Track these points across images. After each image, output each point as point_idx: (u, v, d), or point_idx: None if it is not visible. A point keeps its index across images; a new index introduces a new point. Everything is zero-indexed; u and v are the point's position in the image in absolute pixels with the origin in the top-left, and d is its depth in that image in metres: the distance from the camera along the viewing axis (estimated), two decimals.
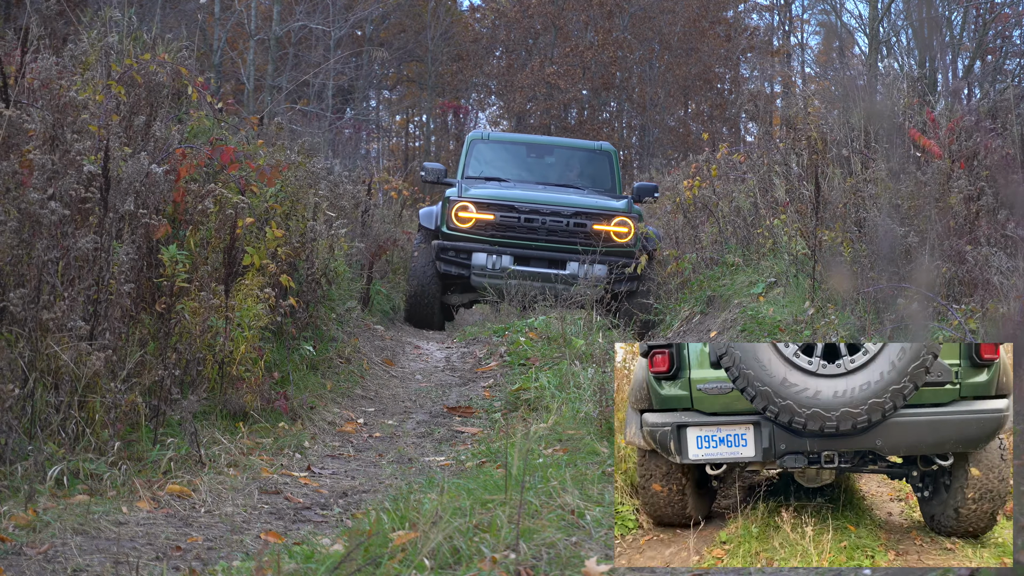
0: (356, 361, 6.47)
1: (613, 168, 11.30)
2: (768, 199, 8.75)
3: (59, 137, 4.11)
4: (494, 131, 12.88)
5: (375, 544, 2.90)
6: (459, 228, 9.85)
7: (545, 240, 9.76)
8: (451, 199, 10.01)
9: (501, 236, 9.79)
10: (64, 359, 3.75)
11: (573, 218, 9.74)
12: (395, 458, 4.73)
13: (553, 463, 3.91)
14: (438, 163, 11.34)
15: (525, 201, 9.85)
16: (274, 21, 23.50)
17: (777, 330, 6.63)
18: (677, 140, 28.48)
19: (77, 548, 3.08)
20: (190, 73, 5.77)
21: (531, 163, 11.39)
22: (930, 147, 6.13)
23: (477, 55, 29.75)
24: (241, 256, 4.70)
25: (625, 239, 9.74)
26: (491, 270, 9.70)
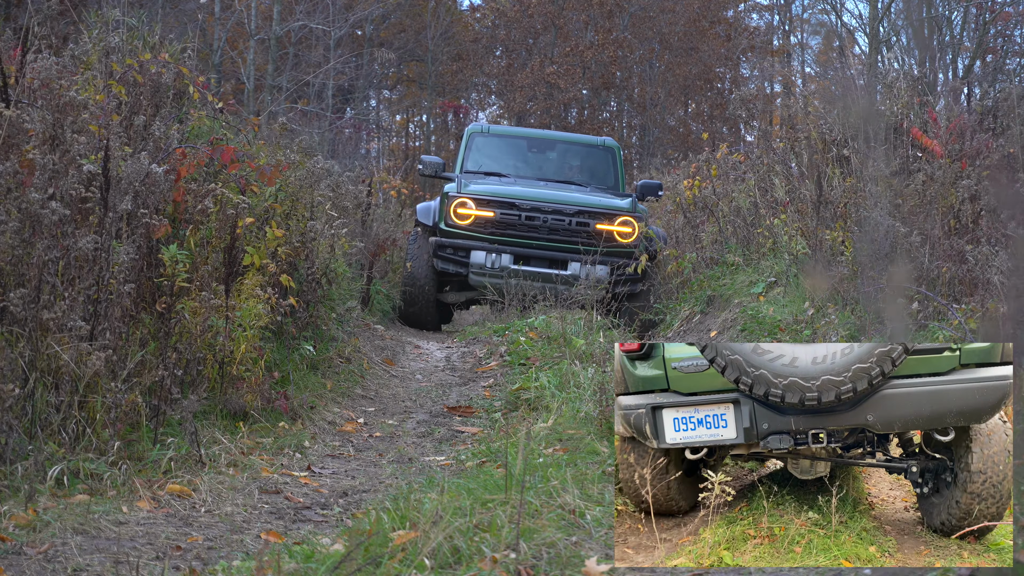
0: (356, 361, 6.47)
1: (616, 164, 11.02)
2: (768, 199, 8.75)
3: (59, 137, 4.11)
4: (494, 124, 12.38)
5: (375, 544, 2.90)
6: (458, 225, 9.58)
7: (546, 239, 9.51)
8: (450, 195, 9.73)
9: (501, 234, 9.53)
10: (64, 359, 3.75)
11: (576, 217, 9.49)
12: (395, 458, 4.73)
13: (553, 463, 3.91)
14: (436, 156, 11.06)
15: (527, 198, 9.60)
16: (274, 21, 23.50)
17: (777, 329, 6.63)
18: (677, 140, 28.48)
19: (77, 548, 3.08)
20: (191, 73, 5.77)
21: (531, 158, 11.05)
22: (931, 146, 6.13)
23: (477, 54, 29.75)
24: (241, 256, 4.70)
25: (628, 239, 9.52)
26: (490, 269, 9.45)
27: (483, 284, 9.53)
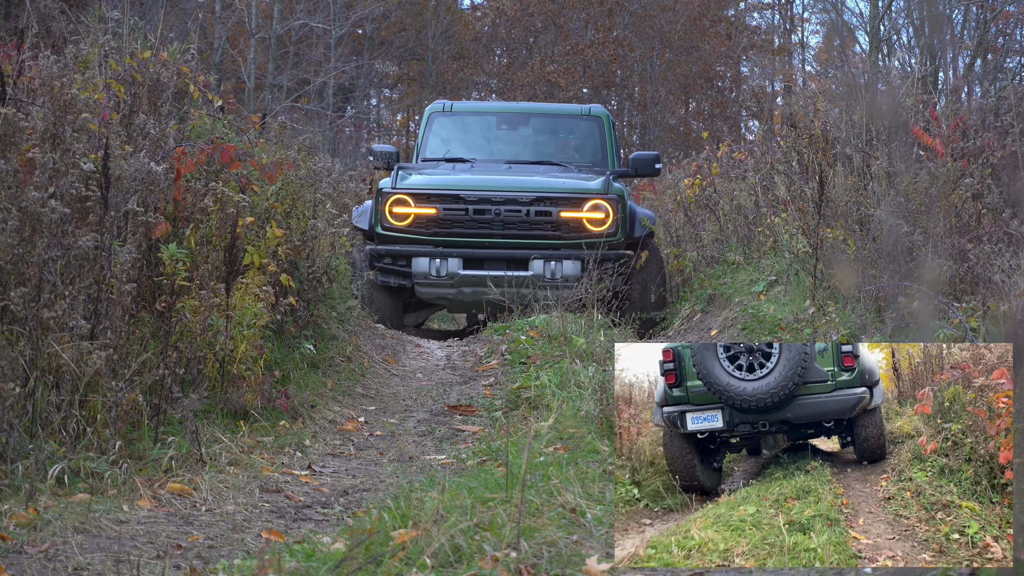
0: (357, 359, 6.46)
1: (604, 137, 9.32)
2: (769, 197, 8.73)
3: (59, 135, 4.11)
4: (459, 101, 10.51)
5: (376, 542, 2.90)
6: (396, 227, 8.10)
7: (501, 235, 8.06)
8: (384, 191, 8.17)
9: (447, 234, 8.09)
10: (65, 358, 3.75)
11: (533, 206, 8.03)
12: (396, 456, 4.73)
13: (554, 461, 3.91)
14: (389, 145, 9.49)
15: (473, 188, 8.09)
16: (275, 19, 23.51)
17: (778, 328, 6.63)
18: (678, 138, 28.49)
19: (78, 546, 3.08)
20: (192, 72, 5.77)
21: (503, 137, 9.40)
22: (933, 145, 6.13)
23: (478, 53, 29.76)
24: (242, 255, 4.70)
25: (602, 227, 8.07)
26: (436, 277, 8.00)
27: (433, 296, 8.23)
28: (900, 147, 6.33)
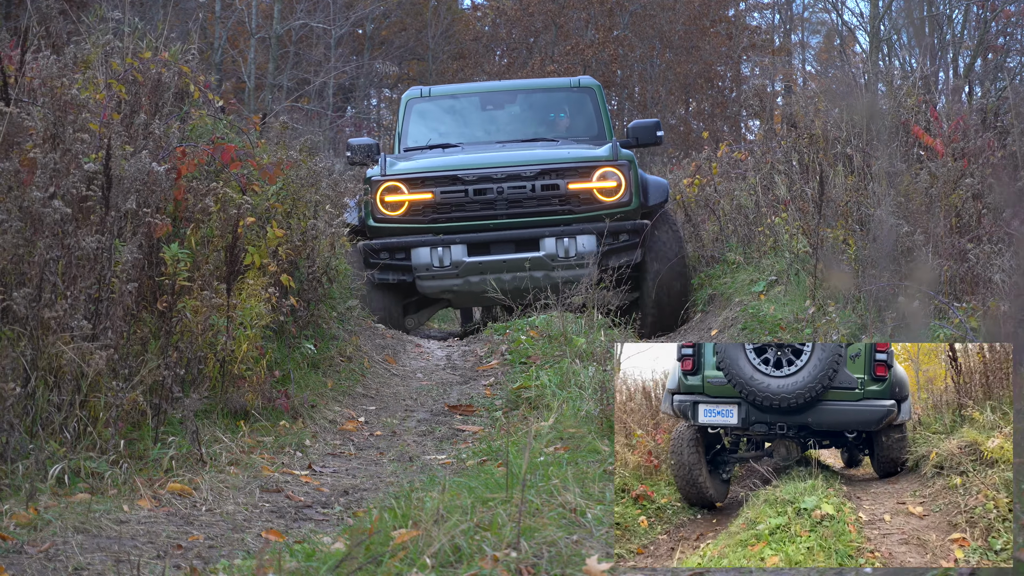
0: (357, 359, 6.47)
1: (598, 108, 8.66)
2: (769, 197, 8.73)
3: (60, 136, 4.11)
4: (436, 86, 9.67)
5: (376, 542, 2.90)
6: (389, 217, 7.46)
7: (506, 216, 7.45)
8: (373, 180, 7.53)
9: (447, 219, 7.47)
10: (66, 358, 3.76)
11: (538, 180, 7.40)
12: (396, 456, 4.73)
13: (554, 461, 3.91)
14: (368, 138, 8.59)
15: (472, 167, 7.46)
16: (275, 19, 23.51)
17: (778, 328, 6.63)
18: (678, 138, 28.47)
19: (78, 546, 3.08)
20: (192, 72, 5.78)
21: (489, 118, 8.73)
22: (933, 145, 6.13)
23: (478, 53, 29.75)
24: (243, 255, 4.70)
25: (614, 196, 7.45)
26: (439, 268, 7.40)
27: (437, 290, 7.61)
28: (900, 147, 6.33)
